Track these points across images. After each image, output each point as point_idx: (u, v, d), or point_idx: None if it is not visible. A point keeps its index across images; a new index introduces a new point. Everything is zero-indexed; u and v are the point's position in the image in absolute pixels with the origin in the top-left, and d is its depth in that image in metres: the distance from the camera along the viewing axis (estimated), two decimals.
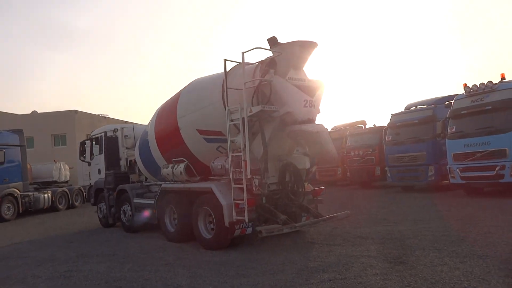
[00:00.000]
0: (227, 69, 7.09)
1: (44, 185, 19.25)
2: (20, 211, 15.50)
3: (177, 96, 8.54)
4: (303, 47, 6.82)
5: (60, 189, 18.37)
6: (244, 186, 6.55)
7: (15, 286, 5.63)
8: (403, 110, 16.29)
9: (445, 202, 11.35)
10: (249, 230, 7.02)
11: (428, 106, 15.11)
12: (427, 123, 14.40)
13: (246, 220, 6.50)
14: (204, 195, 7.35)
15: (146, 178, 10.31)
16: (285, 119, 6.92)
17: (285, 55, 6.88)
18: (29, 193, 16.19)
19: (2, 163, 14.81)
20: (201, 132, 7.77)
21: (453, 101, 12.95)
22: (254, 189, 6.78)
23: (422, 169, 14.37)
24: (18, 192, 15.47)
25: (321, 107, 7.40)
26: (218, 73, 7.85)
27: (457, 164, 12.15)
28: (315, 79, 7.43)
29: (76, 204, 19.05)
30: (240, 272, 5.52)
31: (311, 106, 6.94)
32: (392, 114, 16.15)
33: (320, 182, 23.39)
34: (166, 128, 8.61)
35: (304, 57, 7.00)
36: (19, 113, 38.54)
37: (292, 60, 6.89)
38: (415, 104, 16.06)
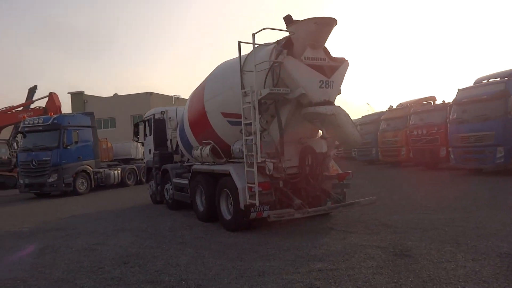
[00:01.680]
0: (249, 51, 6.99)
1: (123, 162, 21.18)
2: (93, 186, 17.23)
3: (205, 80, 8.69)
4: (319, 25, 6.45)
5: (129, 166, 19.97)
6: (255, 170, 6.53)
7: (47, 255, 6.36)
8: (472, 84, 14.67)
9: (509, 188, 10.16)
10: (266, 214, 7.02)
11: (501, 80, 13.38)
12: (497, 98, 12.79)
13: (257, 204, 6.50)
14: (225, 177, 7.48)
15: (188, 159, 10.77)
16: (301, 100, 6.70)
17: (301, 34, 6.59)
18: (101, 170, 17.87)
19: (76, 142, 16.49)
20: (224, 115, 7.85)
21: None
22: (267, 172, 6.73)
23: (490, 150, 12.88)
24: (91, 169, 17.17)
25: (342, 87, 7.05)
26: (237, 57, 7.79)
27: None
28: (338, 58, 7.04)
29: (144, 180, 20.58)
30: (241, 255, 5.59)
31: (328, 86, 6.60)
32: (458, 89, 14.63)
33: (383, 163, 22.42)
34: (196, 111, 8.84)
35: (321, 35, 6.63)
36: (104, 95, 42.27)
37: (309, 39, 6.57)
38: (486, 78, 14.32)
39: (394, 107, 21.68)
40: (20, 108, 22.32)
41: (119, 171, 18.97)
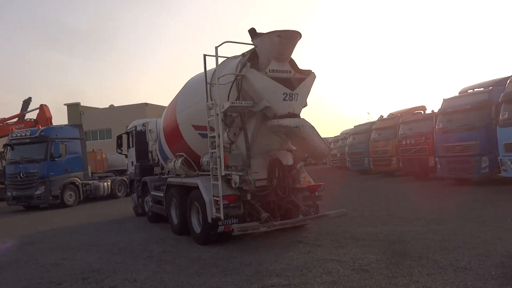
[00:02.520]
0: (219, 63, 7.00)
1: (118, 173, 21.20)
2: (81, 198, 17.20)
3: (178, 92, 8.72)
4: (282, 38, 6.45)
5: (119, 178, 19.96)
6: (219, 183, 6.50)
7: (10, 271, 6.31)
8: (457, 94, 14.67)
9: (489, 199, 10.08)
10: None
11: (484, 89, 13.37)
12: (481, 108, 12.72)
13: (222, 217, 6.45)
14: (194, 190, 7.44)
15: (168, 171, 10.74)
16: (266, 113, 6.69)
17: (265, 47, 6.62)
18: (90, 182, 17.86)
19: (64, 154, 16.51)
20: (195, 127, 7.85)
21: (507, 83, 11.30)
22: (233, 185, 6.71)
23: (475, 160, 12.81)
24: (79, 181, 17.16)
25: (307, 100, 7.05)
26: (212, 69, 7.82)
27: (509, 156, 10.66)
28: (304, 70, 7.06)
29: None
30: (201, 270, 5.54)
31: (292, 99, 6.59)
32: (444, 99, 14.62)
33: (375, 173, 22.34)
34: (169, 123, 8.86)
35: (286, 47, 6.64)
36: (100, 106, 42.48)
37: (273, 52, 6.58)
38: (471, 87, 14.31)
39: (385, 116, 21.69)
40: (13, 120, 22.38)
41: (109, 183, 18.96)
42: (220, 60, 7.23)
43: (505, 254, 5.15)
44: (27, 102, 25.00)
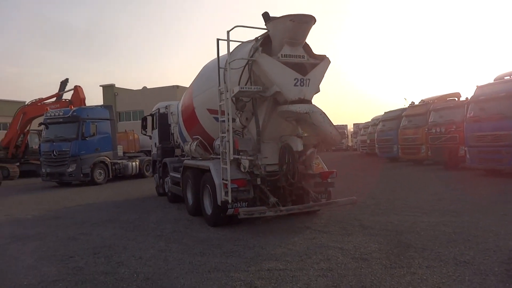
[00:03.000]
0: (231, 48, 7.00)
1: (149, 153, 21.80)
2: (110, 176, 17.90)
3: (196, 77, 8.80)
4: (295, 22, 6.32)
5: (147, 158, 20.53)
6: (228, 167, 6.58)
7: (31, 243, 6.72)
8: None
9: None
10: None
11: None
12: None
13: (229, 201, 6.55)
14: (207, 173, 7.57)
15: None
16: (277, 98, 6.65)
17: (278, 31, 6.53)
18: (119, 161, 18.52)
19: (94, 134, 17.16)
20: (210, 111, 7.93)
21: None
22: (242, 169, 6.77)
23: (507, 151, 12.20)
24: (108, 160, 17.83)
25: (320, 85, 6.92)
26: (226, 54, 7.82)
27: None
28: (318, 55, 6.93)
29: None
30: (205, 251, 5.68)
31: (303, 84, 6.50)
32: (477, 86, 13.90)
33: (404, 161, 21.76)
34: (187, 107, 9.00)
35: (299, 32, 6.51)
36: (134, 88, 43.57)
37: (286, 36, 6.49)
38: (508, 74, 13.50)
39: (416, 103, 20.96)
40: (50, 100, 23.42)
41: (137, 163, 19.57)
42: (234, 44, 7.24)
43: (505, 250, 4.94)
44: (64, 83, 26.01)
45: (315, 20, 6.51)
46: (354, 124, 49.87)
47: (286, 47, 6.55)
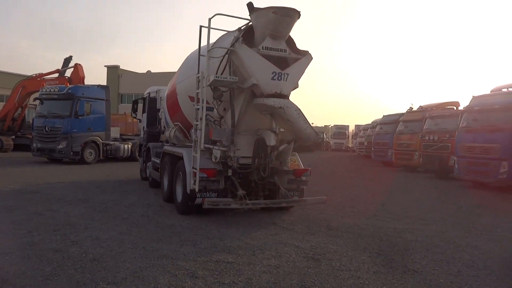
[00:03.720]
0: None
1: None
2: (101, 157, 17.94)
3: (182, 64, 8.75)
4: (278, 15, 6.25)
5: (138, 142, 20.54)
6: (198, 155, 6.56)
7: (4, 214, 6.75)
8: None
9: (495, 206, 9.54)
10: None
11: None
12: (509, 110, 11.91)
13: (196, 190, 6.53)
14: (180, 160, 7.55)
15: None
16: (255, 91, 6.60)
17: (260, 23, 6.47)
18: (111, 142, 18.54)
19: (88, 113, 17.18)
20: (191, 98, 7.87)
21: None
22: (213, 159, 6.75)
23: (494, 164, 12.07)
24: (100, 140, 17.85)
25: (298, 81, 6.85)
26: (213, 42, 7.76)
27: None
28: (301, 51, 6.85)
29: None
30: (162, 238, 5.67)
31: (281, 79, 6.44)
32: (473, 96, 13.74)
33: (397, 166, 21.63)
34: (170, 93, 8.99)
35: (281, 25, 6.43)
36: (138, 71, 43.55)
37: (268, 28, 6.41)
38: (506, 86, 13.33)
39: (415, 108, 20.81)
40: (50, 76, 23.45)
41: (129, 145, 19.58)
42: (217, 33, 7.19)
43: (467, 264, 4.90)
44: (67, 60, 26.02)
45: (299, 15, 6.43)
46: (355, 126, 49.65)
47: (268, 39, 6.48)
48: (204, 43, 6.77)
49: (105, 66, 41.92)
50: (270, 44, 6.48)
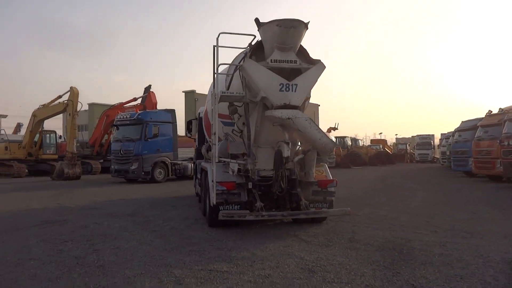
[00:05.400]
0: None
1: None
2: (170, 176, 19.19)
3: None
4: (282, 27, 6.32)
5: None
6: (214, 169, 6.78)
7: (52, 227, 7.67)
8: None
9: None
10: None
11: None
12: None
13: (214, 202, 6.73)
14: (207, 174, 7.84)
15: None
16: (266, 104, 6.69)
17: (267, 37, 6.61)
18: (179, 162, 19.76)
19: (156, 136, 18.61)
20: (219, 115, 8.18)
21: None
22: (230, 173, 6.91)
23: None
24: (169, 160, 19.15)
25: (310, 90, 6.77)
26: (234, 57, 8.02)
27: None
28: (313, 60, 6.81)
29: None
30: (174, 248, 5.90)
31: (289, 90, 6.45)
32: None
33: (481, 176, 19.52)
34: (205, 112, 9.41)
35: (288, 37, 6.47)
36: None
37: (275, 41, 6.52)
38: None
39: (494, 112, 18.72)
40: (129, 104, 25.96)
41: None
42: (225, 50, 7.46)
43: (484, 280, 4.32)
44: (147, 89, 28.60)
45: (305, 25, 6.42)
46: (441, 134, 46.02)
47: (276, 52, 6.57)
48: (214, 61, 7.07)
49: (182, 91, 45.03)
50: (279, 56, 6.56)
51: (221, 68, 7.80)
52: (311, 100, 8.10)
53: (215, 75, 7.00)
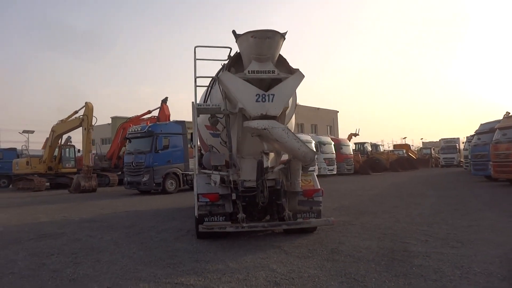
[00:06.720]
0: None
1: None
2: (181, 186, 19.39)
3: None
4: (257, 38, 6.33)
5: None
6: (195, 181, 6.81)
7: (45, 240, 7.87)
8: None
9: None
10: None
11: None
12: None
13: (195, 214, 6.76)
14: None
15: None
16: (245, 115, 6.69)
17: (244, 48, 6.64)
18: (190, 172, 19.92)
19: (167, 147, 18.88)
20: (207, 127, 8.28)
21: None
22: (212, 184, 6.93)
23: None
24: (180, 171, 19.37)
25: (289, 100, 6.72)
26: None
27: None
28: (292, 69, 6.78)
29: None
30: (155, 260, 5.94)
31: (266, 100, 6.43)
32: None
33: (502, 180, 18.72)
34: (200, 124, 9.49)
35: (264, 48, 6.47)
36: None
37: (251, 52, 6.54)
38: None
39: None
40: (145, 116, 26.50)
41: None
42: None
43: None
44: (164, 101, 29.15)
45: (281, 35, 6.41)
46: (466, 138, 44.56)
47: (254, 63, 6.58)
48: (199, 73, 7.18)
49: (192, 102, 45.58)
50: (256, 67, 6.56)
51: (206, 80, 7.93)
52: (330, 107, 8.08)
53: (195, 87, 7.09)
